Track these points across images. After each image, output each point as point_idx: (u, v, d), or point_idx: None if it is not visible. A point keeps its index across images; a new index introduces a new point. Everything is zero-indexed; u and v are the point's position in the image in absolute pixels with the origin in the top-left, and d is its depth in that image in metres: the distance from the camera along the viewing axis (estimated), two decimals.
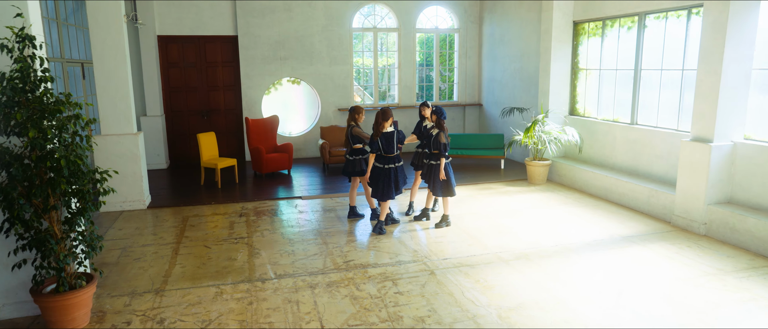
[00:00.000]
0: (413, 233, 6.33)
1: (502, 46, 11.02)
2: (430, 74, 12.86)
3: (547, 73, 9.03)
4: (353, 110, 6.70)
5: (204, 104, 10.88)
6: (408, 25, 11.59)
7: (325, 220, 6.92)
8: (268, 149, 9.87)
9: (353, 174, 6.79)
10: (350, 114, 6.71)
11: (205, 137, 8.90)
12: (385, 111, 6.20)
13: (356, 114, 6.70)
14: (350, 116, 6.71)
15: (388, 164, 6.28)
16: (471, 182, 8.94)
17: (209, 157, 8.90)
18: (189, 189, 8.63)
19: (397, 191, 6.35)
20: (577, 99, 9.04)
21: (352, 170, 6.77)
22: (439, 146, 6.30)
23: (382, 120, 6.17)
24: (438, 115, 6.40)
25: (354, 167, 6.76)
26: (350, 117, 6.72)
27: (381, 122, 6.17)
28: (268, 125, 9.98)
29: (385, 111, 6.20)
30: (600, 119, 8.46)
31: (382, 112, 6.20)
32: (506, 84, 10.98)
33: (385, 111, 6.19)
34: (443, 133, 6.33)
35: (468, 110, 12.27)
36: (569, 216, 6.94)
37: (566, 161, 8.73)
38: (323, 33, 11.08)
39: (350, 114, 6.71)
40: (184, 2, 10.28)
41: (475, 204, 7.58)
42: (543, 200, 7.80)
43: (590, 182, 8.04)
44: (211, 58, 10.78)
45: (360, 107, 6.74)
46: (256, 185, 8.89)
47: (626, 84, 7.88)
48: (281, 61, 10.97)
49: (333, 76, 11.29)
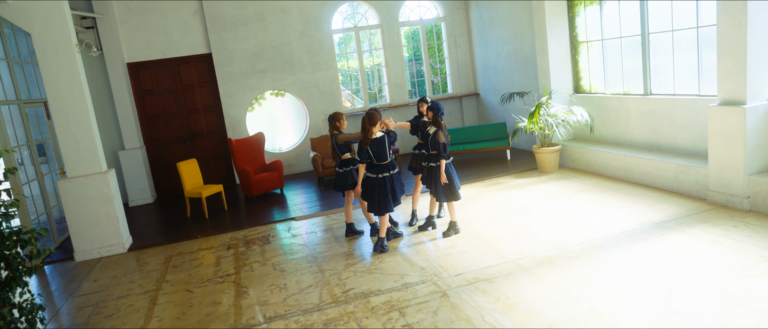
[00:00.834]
0: (419, 247, 5.64)
1: (492, 30, 10.33)
2: (421, 69, 12.19)
3: (544, 52, 8.33)
4: (333, 117, 6.04)
5: (185, 129, 10.23)
6: (390, 20, 10.92)
7: (321, 242, 6.24)
8: (257, 169, 9.21)
9: (345, 188, 6.12)
10: (330, 123, 6.05)
11: (186, 166, 8.25)
12: (371, 115, 5.52)
13: (337, 122, 6.04)
14: (331, 125, 6.05)
15: (381, 172, 5.60)
16: (477, 178, 8.24)
17: (193, 186, 8.24)
18: (175, 223, 7.97)
19: (396, 201, 5.67)
20: (580, 75, 8.33)
21: (344, 184, 6.10)
22: (438, 146, 5.62)
23: (369, 125, 5.50)
24: (434, 111, 5.72)
25: (345, 179, 6.09)
26: (331, 127, 6.06)
27: (368, 127, 5.50)
28: (254, 144, 9.32)
29: (371, 115, 5.52)
30: (609, 93, 7.74)
31: (369, 116, 5.52)
32: (502, 69, 10.28)
33: (372, 115, 5.52)
34: (442, 131, 5.65)
35: (465, 101, 11.58)
36: (590, 205, 6.23)
37: (577, 144, 8.02)
38: (302, 39, 10.42)
39: (330, 123, 6.05)
40: (151, 25, 9.65)
41: (484, 203, 6.88)
42: (558, 190, 7.10)
43: (607, 164, 7.32)
44: (186, 80, 10.14)
45: (340, 112, 6.08)
46: (246, 210, 8.22)
47: (634, 52, 7.17)
48: (261, 74, 10.31)
49: (318, 83, 10.63)
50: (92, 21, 9.11)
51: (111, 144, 9.56)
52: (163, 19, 9.71)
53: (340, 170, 6.12)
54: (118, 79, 9.33)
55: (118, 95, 9.36)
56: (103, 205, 6.64)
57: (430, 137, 5.73)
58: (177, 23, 9.79)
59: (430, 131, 5.77)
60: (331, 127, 6.06)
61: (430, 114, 5.76)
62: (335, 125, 6.03)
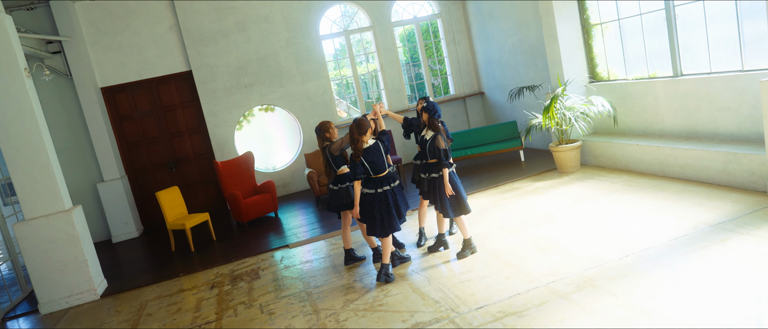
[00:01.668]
0: (431, 272, 4.79)
1: (493, 22, 9.52)
2: (420, 72, 11.40)
3: (553, 39, 7.50)
4: (320, 128, 5.25)
5: (169, 154, 9.46)
6: (382, 20, 10.14)
7: (317, 273, 5.41)
8: (247, 192, 8.40)
9: (341, 208, 5.29)
10: (319, 135, 5.26)
11: (167, 195, 7.45)
12: (360, 122, 4.71)
13: (326, 132, 5.24)
14: (320, 137, 5.26)
15: (381, 186, 4.78)
16: (490, 184, 7.39)
17: (175, 217, 7.44)
18: (158, 260, 7.16)
19: (401, 218, 4.84)
20: (596, 62, 7.48)
21: (339, 203, 5.28)
22: (438, 153, 4.80)
23: (358, 134, 4.69)
24: (430, 113, 4.91)
25: (340, 198, 5.26)
26: (321, 139, 5.27)
27: (358, 136, 4.68)
28: (243, 165, 8.53)
29: (360, 122, 4.71)
30: (631, 78, 6.89)
31: (357, 124, 4.72)
32: (507, 63, 9.45)
33: (361, 123, 4.71)
34: (441, 136, 4.83)
35: (469, 102, 10.75)
36: (625, 208, 5.36)
37: (600, 139, 7.15)
38: (288, 47, 9.66)
39: (319, 135, 5.26)
40: (123, 45, 8.92)
41: (502, 214, 6.02)
42: (583, 191, 6.23)
43: (637, 158, 6.45)
44: (167, 101, 9.38)
45: (327, 122, 5.29)
46: (237, 239, 7.40)
47: (658, 29, 6.32)
48: (247, 89, 9.55)
49: (309, 94, 9.84)
50: (59, 45, 8.40)
51: (89, 177, 8.80)
52: (136, 38, 8.99)
53: (334, 186, 5.30)
54: (91, 106, 8.58)
55: (93, 123, 8.61)
56: (68, 248, 5.84)
57: (427, 143, 4.91)
58: (152, 41, 9.07)
59: (426, 136, 4.96)
60: (320, 139, 5.26)
61: (425, 116, 4.95)
62: (325, 136, 5.23)
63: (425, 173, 5.08)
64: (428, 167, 5.02)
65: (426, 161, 5.05)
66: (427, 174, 5.04)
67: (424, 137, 5.02)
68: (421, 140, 5.07)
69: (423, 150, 5.04)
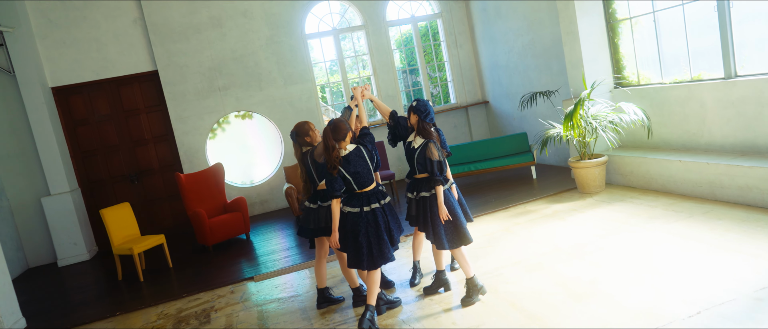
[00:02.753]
0: (429, 322, 3.61)
1: (500, 21, 8.46)
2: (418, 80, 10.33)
3: (573, 37, 6.42)
4: (298, 132, 4.12)
5: (131, 165, 8.29)
6: (376, 19, 9.08)
7: (281, 318, 4.22)
8: (214, 210, 7.22)
9: (318, 234, 4.13)
10: (297, 140, 4.13)
11: (114, 213, 6.27)
12: (336, 126, 3.60)
13: (305, 136, 4.11)
14: (298, 142, 4.13)
15: (367, 203, 3.65)
16: (498, 206, 6.24)
17: (122, 240, 6.25)
18: (98, 291, 5.95)
19: (393, 245, 3.70)
20: (622, 63, 6.40)
21: (316, 227, 4.12)
22: (430, 165, 3.68)
23: (334, 140, 3.57)
24: (420, 114, 3.79)
25: (318, 220, 4.11)
26: (298, 145, 4.14)
27: (333, 143, 3.56)
28: (211, 179, 7.35)
29: (336, 126, 3.60)
30: (668, 82, 5.80)
31: (333, 127, 3.61)
32: (515, 67, 8.37)
33: (337, 126, 3.60)
34: (433, 144, 3.72)
35: (472, 112, 9.64)
36: (677, 241, 4.20)
37: (629, 153, 6.03)
38: (269, 47, 8.57)
39: (297, 140, 4.13)
40: (80, 39, 7.80)
41: (516, 244, 4.86)
42: (616, 217, 5.08)
43: (679, 177, 5.32)
44: (130, 104, 8.24)
45: (305, 123, 4.15)
46: (196, 268, 6.20)
47: (706, 22, 5.24)
48: (222, 93, 8.42)
49: (291, 99, 8.72)
50: (0, 37, 7.27)
51: (33, 190, 7.60)
52: (95, 32, 7.87)
53: (311, 205, 4.14)
54: (38, 108, 7.42)
55: (39, 127, 7.44)
56: None
57: (416, 152, 3.79)
58: (113, 36, 7.95)
59: (414, 144, 3.83)
60: (297, 146, 4.13)
61: (414, 119, 3.83)
62: (304, 141, 4.09)
63: (412, 192, 3.94)
64: (416, 184, 3.89)
65: (413, 176, 3.92)
66: (415, 193, 3.90)
67: (411, 144, 3.89)
68: (408, 148, 3.94)
69: (410, 162, 3.91)
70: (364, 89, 4.06)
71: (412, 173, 3.95)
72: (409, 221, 4.01)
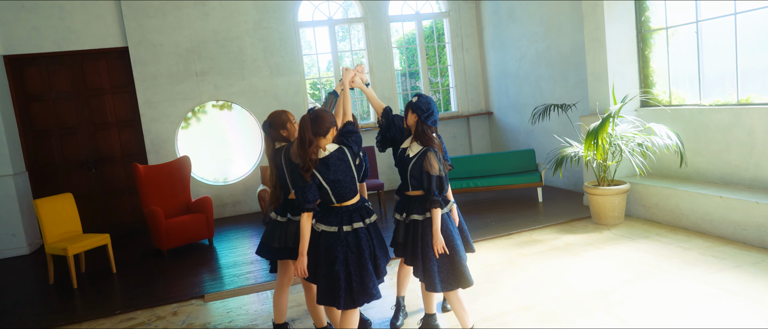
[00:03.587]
0: None
1: (513, 25, 7.67)
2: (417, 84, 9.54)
3: (599, 45, 5.63)
4: (273, 122, 3.28)
5: (90, 150, 7.36)
6: (377, 13, 8.25)
7: None
8: (175, 209, 6.31)
9: (284, 255, 3.26)
10: (270, 133, 3.30)
11: (51, 205, 5.35)
12: (318, 116, 2.79)
13: (281, 129, 3.24)
14: (271, 134, 3.29)
15: (348, 221, 2.80)
16: (499, 231, 5.40)
17: (58, 237, 5.32)
18: (22, 298, 5.02)
19: (379, 277, 2.85)
20: (652, 79, 5.61)
21: (282, 247, 3.25)
22: (427, 181, 2.85)
23: (312, 134, 2.74)
24: (419, 112, 2.95)
25: (285, 237, 3.25)
26: (272, 139, 3.29)
27: (311, 137, 2.74)
28: (175, 173, 6.45)
29: (318, 116, 2.79)
30: (708, 104, 5.00)
31: (313, 118, 2.79)
32: (526, 77, 7.57)
33: (319, 116, 2.79)
34: (433, 153, 2.88)
35: (474, 122, 8.83)
36: (724, 298, 3.37)
37: (656, 183, 5.21)
38: (257, 32, 7.71)
39: (270, 133, 3.30)
40: (40, 4, 6.90)
41: (522, 281, 4.01)
42: (642, 259, 4.25)
43: (718, 216, 4.50)
44: (94, 82, 7.33)
45: (283, 112, 3.30)
46: (143, 276, 5.29)
47: (761, 36, 4.46)
48: (198, 78, 7.54)
49: (277, 92, 7.86)
50: None
51: None
52: None
53: (279, 217, 3.27)
54: None
55: None
56: None
57: (411, 162, 2.93)
58: (79, 4, 7.06)
59: (410, 152, 2.98)
60: (270, 140, 3.27)
61: (412, 118, 2.98)
62: (279, 135, 3.23)
63: (402, 213, 3.08)
64: (407, 203, 3.03)
65: (405, 192, 3.07)
66: (405, 215, 3.04)
67: (405, 151, 3.03)
68: (400, 156, 3.08)
69: (402, 174, 3.06)
70: (355, 72, 3.21)
71: (403, 188, 3.10)
72: (394, 250, 3.15)
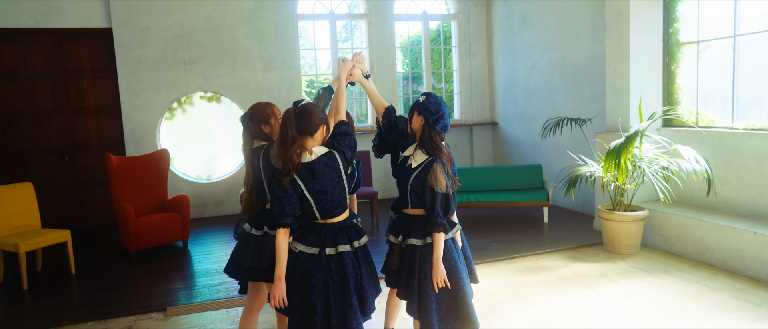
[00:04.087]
0: None
1: (525, 31, 7.19)
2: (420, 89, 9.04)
3: (622, 55, 5.15)
4: (253, 115, 2.80)
5: (64, 136, 6.83)
6: (382, 10, 7.77)
7: None
8: (148, 207, 5.77)
9: (256, 276, 2.76)
10: (250, 126, 2.79)
11: (7, 195, 4.81)
12: (306, 111, 2.34)
13: (263, 124, 2.75)
14: (251, 129, 2.78)
15: (330, 244, 2.30)
16: (501, 254, 4.89)
17: (10, 231, 4.78)
18: None
19: (365, 312, 2.36)
20: (677, 97, 5.13)
21: (255, 266, 2.76)
22: (432, 200, 2.36)
23: (297, 131, 2.24)
24: (427, 116, 2.44)
25: (259, 255, 2.75)
26: (251, 132, 2.77)
27: (294, 134, 2.25)
28: (151, 167, 5.92)
29: (306, 111, 2.34)
30: (741, 128, 4.52)
31: (300, 112, 2.31)
32: (536, 87, 7.09)
33: (308, 111, 2.34)
34: (441, 164, 2.38)
35: (477, 132, 8.34)
36: None
37: (678, 212, 4.72)
38: (252, 22, 7.20)
39: (250, 126, 2.79)
40: None
41: (529, 316, 3.50)
42: (665, 298, 3.75)
43: (749, 255, 4.01)
44: (72, 64, 6.81)
45: (267, 105, 2.81)
46: (103, 280, 4.75)
47: None
48: (187, 67, 7.03)
49: (269, 87, 7.35)
50: None
51: None
52: None
53: (254, 230, 2.77)
54: None
55: None
56: None
57: (413, 173, 2.42)
58: None
59: (412, 161, 2.47)
60: (249, 136, 2.77)
61: (418, 122, 2.47)
62: (260, 131, 2.73)
63: (397, 235, 2.57)
64: (405, 224, 2.53)
65: (402, 209, 2.56)
66: (401, 238, 2.53)
67: (407, 161, 2.52)
68: (401, 166, 2.57)
69: (401, 187, 2.55)
70: (354, 63, 2.71)
71: (400, 204, 2.59)
72: (386, 278, 2.64)
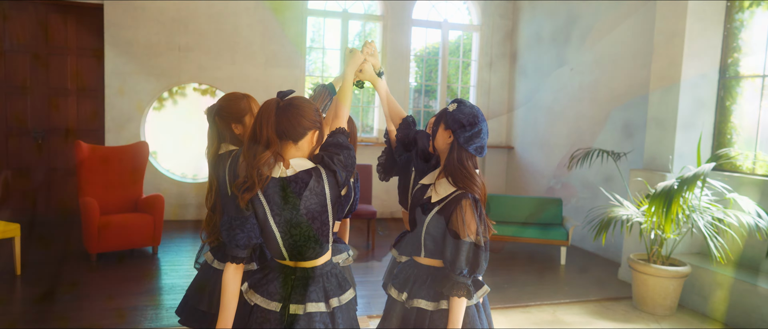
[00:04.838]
0: None
1: (555, 50, 6.56)
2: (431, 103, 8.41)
3: (670, 84, 4.49)
4: (222, 109, 2.16)
5: (40, 117, 6.22)
6: (399, 13, 7.17)
7: None
8: (119, 205, 5.12)
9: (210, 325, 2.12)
10: (217, 123, 2.16)
11: None
12: (293, 108, 1.68)
13: (233, 121, 2.15)
14: (217, 127, 2.16)
15: (297, 300, 1.66)
16: (513, 300, 4.20)
17: None
18: None
19: None
20: (730, 138, 4.46)
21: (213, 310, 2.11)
22: (455, 252, 1.68)
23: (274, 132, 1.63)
24: (458, 131, 1.76)
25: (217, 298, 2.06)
26: (217, 131, 2.15)
27: (269, 139, 1.61)
28: (127, 160, 5.27)
29: (293, 108, 1.68)
30: None
31: (286, 107, 1.69)
32: (562, 112, 6.44)
33: (294, 108, 1.70)
34: (473, 203, 1.69)
35: (491, 156, 7.68)
36: None
37: (728, 272, 4.02)
38: (257, 12, 6.61)
39: (217, 123, 2.16)
40: None
41: None
42: None
43: None
44: (56, 40, 6.21)
45: (243, 97, 2.20)
46: (51, 286, 4.08)
47: None
48: (181, 54, 6.42)
49: (269, 85, 6.73)
50: None
51: None
52: None
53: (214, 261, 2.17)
54: None
55: None
56: None
57: (431, 211, 1.73)
58: None
59: (434, 194, 1.78)
60: (214, 134, 2.13)
61: (444, 138, 1.80)
62: (231, 131, 2.14)
63: (401, 291, 1.86)
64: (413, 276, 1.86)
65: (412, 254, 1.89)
66: (405, 297, 1.84)
67: (426, 193, 1.85)
68: (416, 197, 1.91)
69: (413, 224, 1.88)
70: (365, 57, 2.07)
71: (410, 247, 1.91)
72: None
